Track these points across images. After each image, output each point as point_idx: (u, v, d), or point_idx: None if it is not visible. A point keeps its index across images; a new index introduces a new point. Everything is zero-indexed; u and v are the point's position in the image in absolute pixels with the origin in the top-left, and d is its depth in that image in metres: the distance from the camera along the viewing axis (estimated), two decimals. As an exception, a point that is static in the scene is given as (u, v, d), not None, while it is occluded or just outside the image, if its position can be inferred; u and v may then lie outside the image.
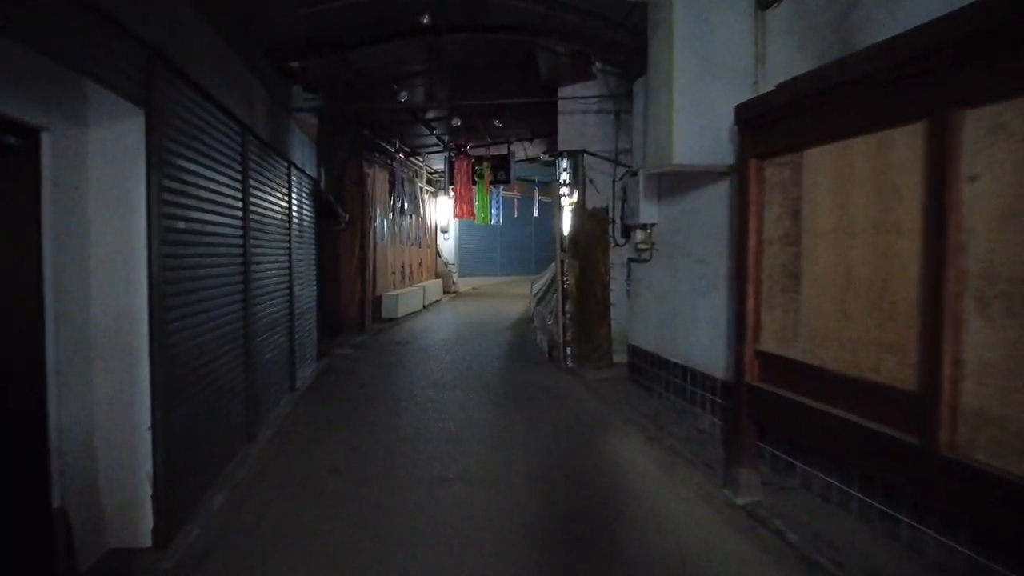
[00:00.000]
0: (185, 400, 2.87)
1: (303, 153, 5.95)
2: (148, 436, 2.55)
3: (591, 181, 6.61)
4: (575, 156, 6.72)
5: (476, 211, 9.81)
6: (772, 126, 3.11)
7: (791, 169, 2.98)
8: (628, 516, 3.04)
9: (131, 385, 2.54)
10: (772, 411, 3.11)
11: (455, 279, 15.14)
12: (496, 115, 8.78)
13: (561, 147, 6.66)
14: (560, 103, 6.64)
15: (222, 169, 3.46)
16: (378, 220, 10.01)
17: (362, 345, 8.02)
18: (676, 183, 4.79)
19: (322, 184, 7.02)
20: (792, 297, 2.98)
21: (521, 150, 11.38)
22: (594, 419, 4.72)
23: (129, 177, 2.52)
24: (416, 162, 12.32)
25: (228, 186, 3.57)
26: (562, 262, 6.49)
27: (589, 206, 6.54)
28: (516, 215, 13.87)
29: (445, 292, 14.34)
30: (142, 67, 2.50)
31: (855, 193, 2.53)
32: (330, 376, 6.14)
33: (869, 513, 2.78)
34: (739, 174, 3.34)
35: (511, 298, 14.30)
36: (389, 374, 6.28)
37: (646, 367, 5.37)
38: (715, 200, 4.21)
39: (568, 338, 6.38)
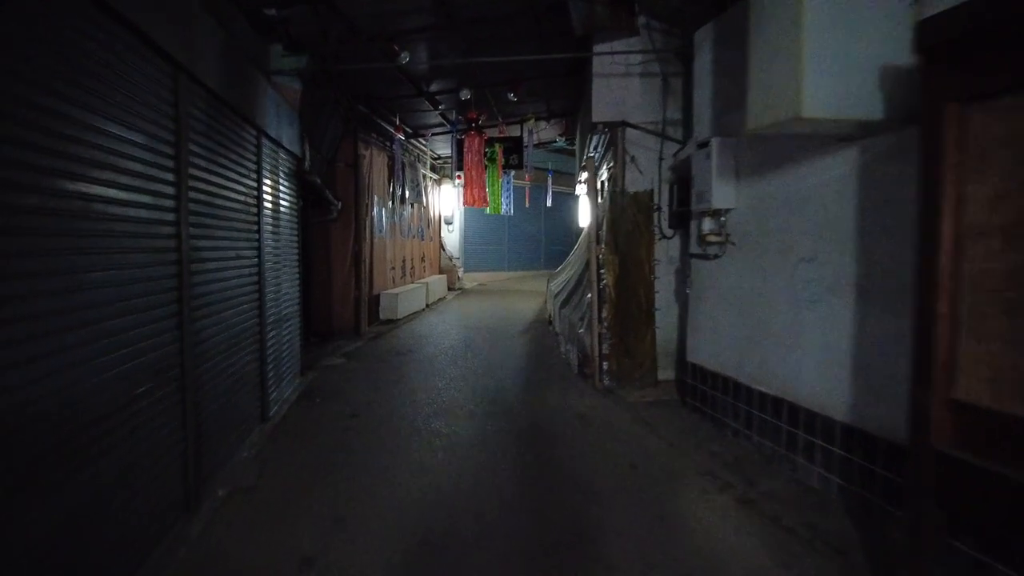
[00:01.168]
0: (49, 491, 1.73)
1: (282, 124, 4.78)
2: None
3: (632, 159, 5.44)
4: (613, 129, 5.54)
5: (488, 198, 8.65)
6: (989, 50, 1.95)
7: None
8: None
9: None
10: (979, 496, 1.97)
11: (460, 275, 13.98)
12: (511, 87, 7.59)
13: (596, 117, 5.48)
14: (595, 62, 5.46)
15: (132, 120, 2.30)
16: (376, 209, 8.84)
17: (356, 354, 6.87)
18: (767, 156, 3.63)
19: (307, 164, 5.85)
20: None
21: (534, 133, 10.20)
22: (655, 465, 3.58)
23: None
24: (419, 145, 11.13)
25: (145, 147, 2.41)
26: (598, 259, 5.33)
27: (631, 189, 5.37)
28: (527, 205, 12.68)
29: (450, 289, 13.19)
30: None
31: None
32: (315, 399, 5.00)
33: None
34: (924, 128, 2.18)
35: (522, 295, 13.15)
36: (387, 396, 5.13)
37: (712, 393, 4.23)
38: (836, 177, 3.05)
39: (605, 351, 5.23)
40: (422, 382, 5.55)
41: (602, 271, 5.27)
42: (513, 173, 10.59)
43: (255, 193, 4.04)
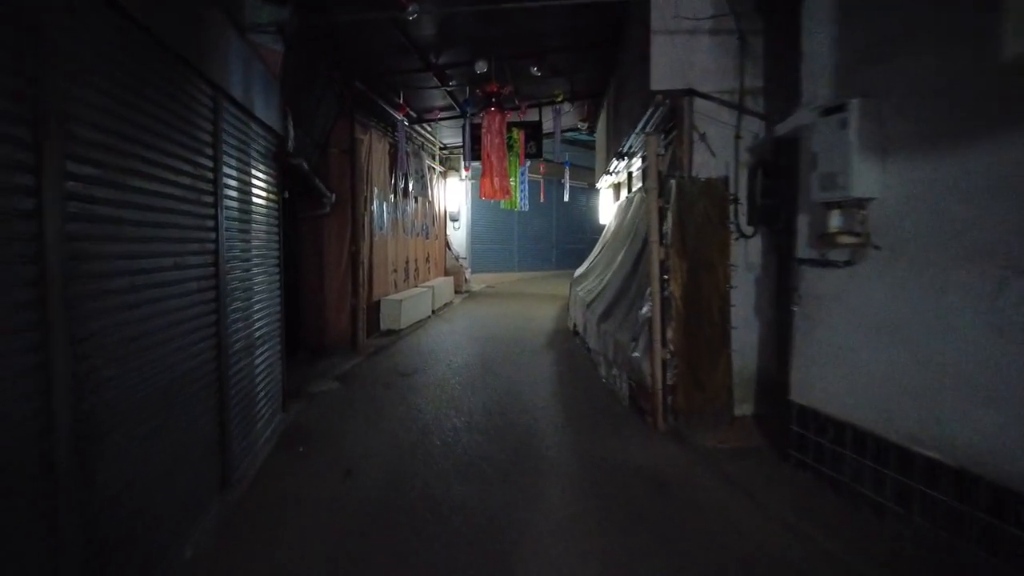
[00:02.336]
0: None
1: (254, 88, 3.65)
2: None
3: (702, 137, 4.31)
4: (676, 100, 4.41)
5: (514, 195, 7.54)
6: None
7: None
8: None
9: None
10: None
11: (468, 276, 12.85)
12: (534, 60, 6.45)
13: (656, 84, 4.34)
14: (655, 16, 4.32)
15: None
16: (375, 203, 7.70)
17: (353, 376, 5.74)
18: (945, 123, 2.50)
19: (291, 144, 4.71)
20: None
21: (549, 118, 9.06)
22: (778, 570, 2.46)
23: None
24: (424, 132, 9.98)
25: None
26: (662, 264, 4.19)
27: (700, 175, 4.24)
28: (542, 200, 11.53)
29: (456, 292, 12.05)
30: None
31: None
32: (297, 446, 3.87)
33: None
34: None
35: (536, 300, 12.00)
36: (390, 441, 4.01)
37: (837, 449, 3.10)
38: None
39: (670, 381, 4.11)
40: (434, 418, 4.42)
41: (667, 279, 4.13)
42: (528, 164, 9.46)
43: (210, 176, 2.90)
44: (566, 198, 11.64)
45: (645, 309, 4.39)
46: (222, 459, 3.03)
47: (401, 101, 7.34)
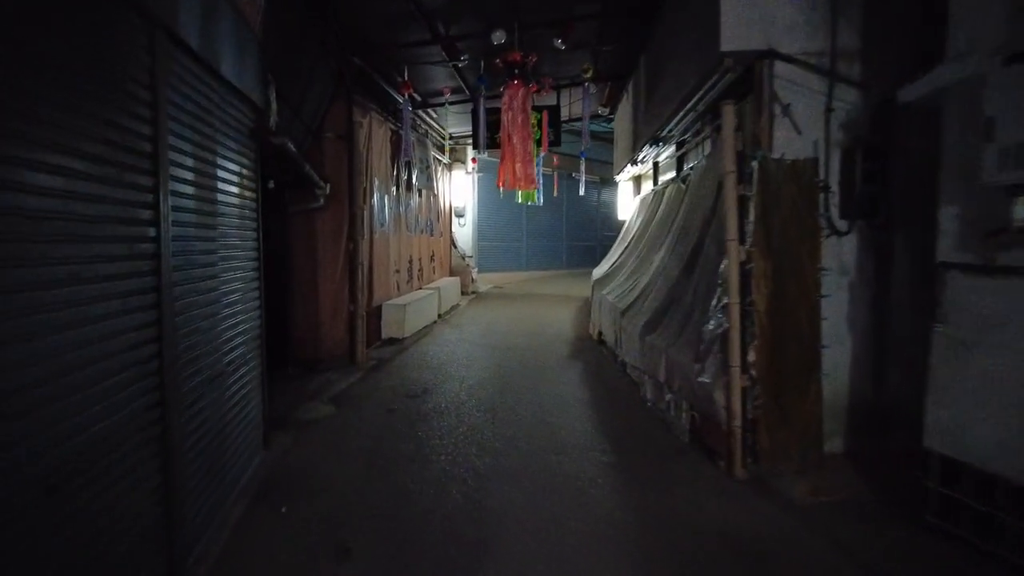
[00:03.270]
0: None
1: (219, 39, 2.79)
2: None
3: (785, 110, 3.46)
4: (754, 65, 3.55)
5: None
6: None
7: None
8: None
9: None
10: None
11: (474, 276, 11.98)
12: (560, 31, 5.59)
13: (726, 45, 3.48)
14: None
15: None
16: (376, 196, 6.84)
17: (350, 398, 4.90)
18: None
19: (273, 121, 3.85)
20: None
21: (567, 103, 8.19)
22: None
23: None
24: (428, 118, 9.12)
25: None
26: (742, 268, 3.34)
27: (784, 156, 3.39)
28: (555, 194, 10.67)
29: (463, 293, 11.19)
30: None
31: None
32: (279, 504, 3.02)
33: None
34: None
35: (549, 301, 11.16)
36: (396, 492, 3.17)
37: (1010, 520, 2.27)
38: None
39: (750, 414, 3.27)
40: (450, 459, 3.57)
41: (751, 285, 3.29)
42: (543, 154, 8.60)
43: (146, 148, 2.05)
44: (582, 192, 10.78)
45: (712, 324, 3.54)
46: (168, 543, 2.18)
47: (405, 78, 6.46)
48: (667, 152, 7.26)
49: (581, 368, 5.84)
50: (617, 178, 10.12)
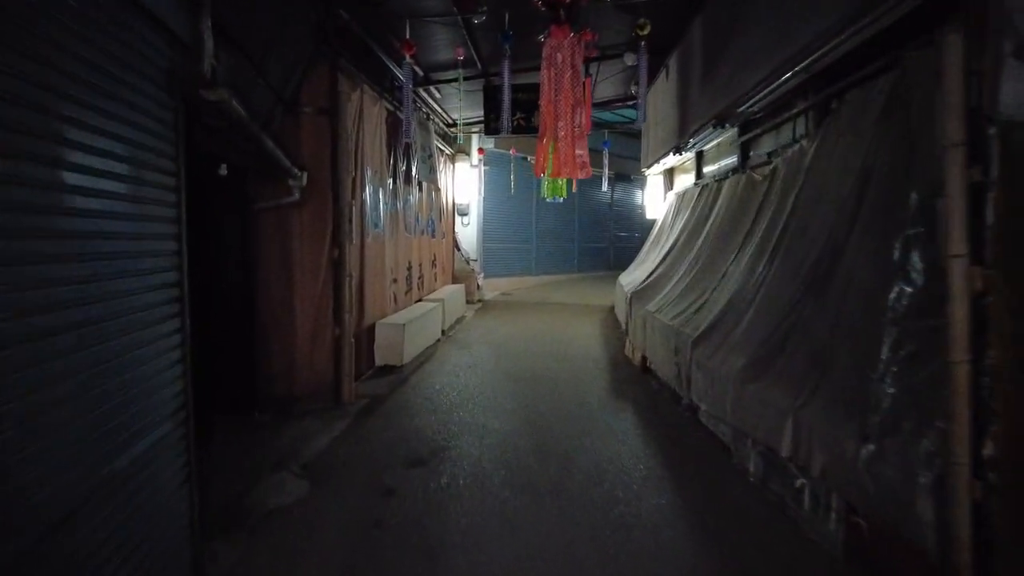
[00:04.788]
0: None
1: None
2: None
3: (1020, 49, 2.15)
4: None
5: (558, 180, 5.39)
6: None
7: None
8: None
9: None
10: None
11: (480, 282, 10.66)
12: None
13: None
14: None
15: None
16: (369, 190, 5.51)
17: (330, 466, 3.57)
18: None
19: (207, 66, 2.50)
20: None
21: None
22: None
23: None
24: (430, 99, 7.78)
25: None
26: (977, 297, 2.03)
27: (1008, 116, 2.09)
28: (574, 189, 9.34)
29: (468, 302, 9.87)
30: None
31: None
32: None
33: None
34: None
35: (567, 312, 9.84)
36: None
37: None
38: None
39: (992, 532, 1.97)
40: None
41: (993, 325, 1.99)
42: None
43: None
44: (604, 187, 9.50)
45: (892, 384, 2.24)
46: None
47: (407, 35, 5.10)
48: (721, 137, 5.99)
49: (632, 411, 4.53)
50: (647, 172, 8.83)
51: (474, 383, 5.30)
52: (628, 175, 15.16)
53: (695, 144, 6.19)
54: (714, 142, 6.25)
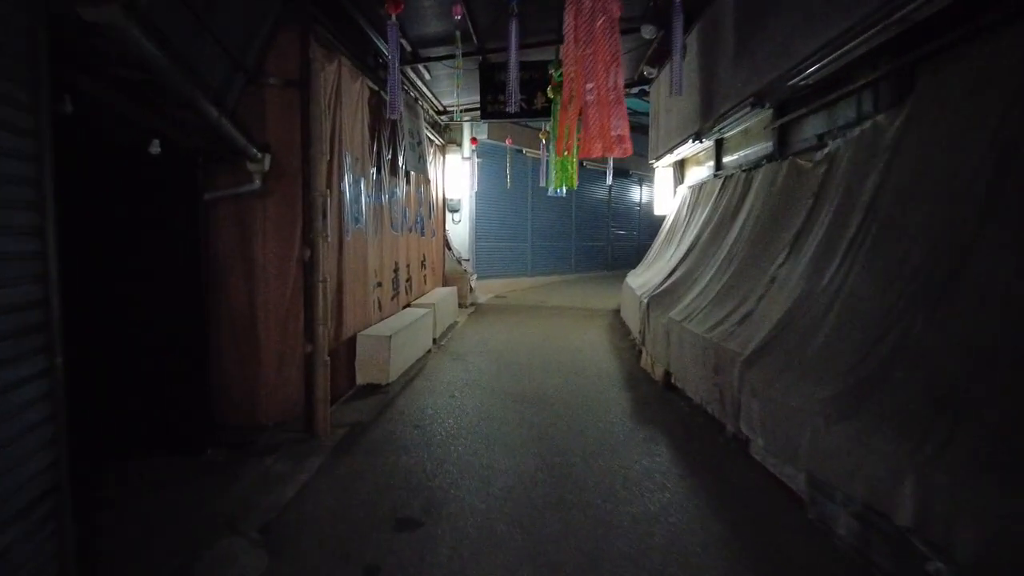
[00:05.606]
0: None
1: None
2: None
3: None
4: None
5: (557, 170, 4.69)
6: None
7: None
8: None
9: None
10: None
11: (473, 284, 9.88)
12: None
13: None
14: None
15: None
16: (349, 179, 4.71)
17: (295, 530, 2.79)
18: None
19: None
20: None
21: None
22: None
23: None
24: (419, 81, 6.99)
25: None
26: None
27: None
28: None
29: (460, 305, 9.09)
30: None
31: None
32: None
33: None
34: None
35: (568, 317, 9.10)
36: None
37: None
38: None
39: None
40: None
41: None
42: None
43: None
44: (609, 181, 8.79)
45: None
46: None
47: (390, 10, 4.31)
48: (750, 122, 5.30)
49: (666, 443, 3.79)
50: (656, 164, 8.11)
51: (473, 406, 4.53)
52: (626, 170, 14.48)
53: (721, 129, 5.48)
54: (740, 127, 5.55)
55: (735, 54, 4.68)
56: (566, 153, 3.99)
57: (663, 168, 8.22)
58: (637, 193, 15.85)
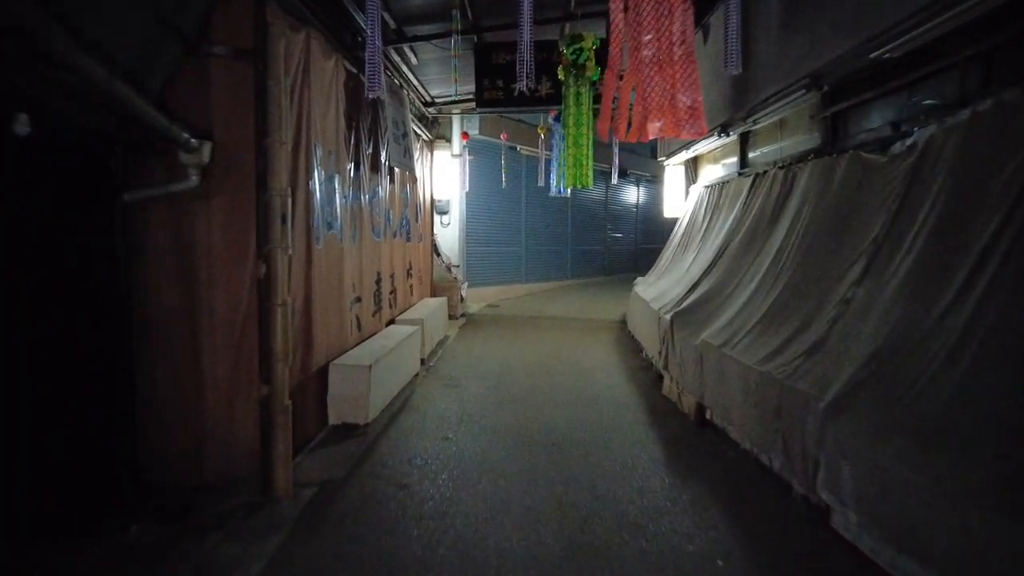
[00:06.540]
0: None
1: None
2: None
3: None
4: None
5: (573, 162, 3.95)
6: None
7: None
8: None
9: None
10: None
11: (464, 293, 9.06)
12: None
13: None
14: None
15: None
16: (319, 176, 3.87)
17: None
18: None
19: None
20: None
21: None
22: None
23: None
24: (406, 66, 6.18)
25: None
26: None
27: None
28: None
29: (450, 317, 8.28)
30: None
31: None
32: None
33: None
34: None
35: (570, 331, 8.33)
36: None
37: None
38: None
39: None
40: None
41: None
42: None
43: None
44: (614, 180, 8.05)
45: None
46: None
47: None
48: (785, 112, 4.60)
49: (717, 508, 3.02)
50: (666, 162, 7.40)
51: (471, 453, 3.73)
52: (624, 169, 13.75)
53: (756, 120, 4.75)
54: (775, 118, 4.84)
55: (783, 25, 3.94)
56: (583, 144, 3.21)
57: (673, 167, 7.50)
58: (634, 194, 15.14)
